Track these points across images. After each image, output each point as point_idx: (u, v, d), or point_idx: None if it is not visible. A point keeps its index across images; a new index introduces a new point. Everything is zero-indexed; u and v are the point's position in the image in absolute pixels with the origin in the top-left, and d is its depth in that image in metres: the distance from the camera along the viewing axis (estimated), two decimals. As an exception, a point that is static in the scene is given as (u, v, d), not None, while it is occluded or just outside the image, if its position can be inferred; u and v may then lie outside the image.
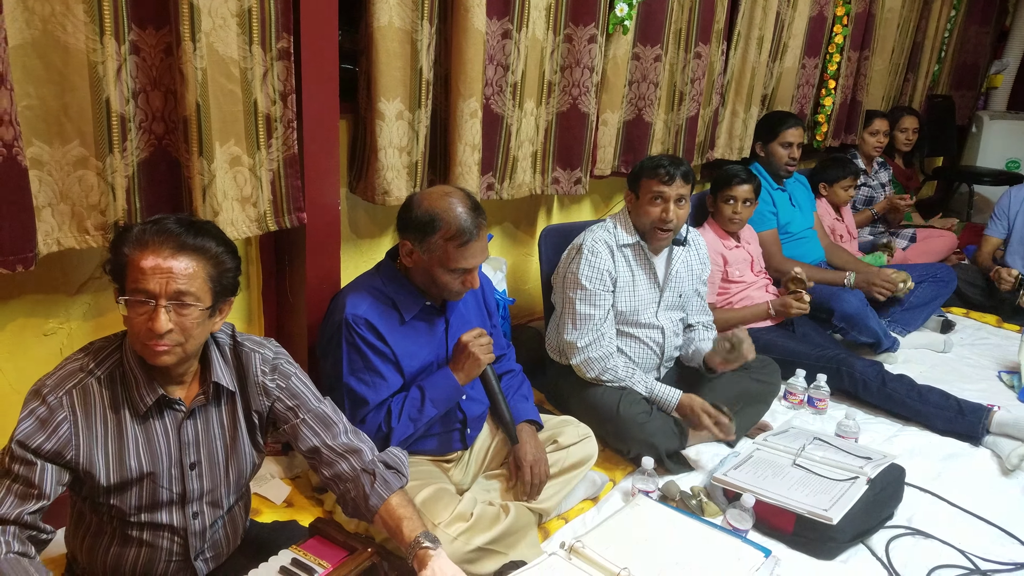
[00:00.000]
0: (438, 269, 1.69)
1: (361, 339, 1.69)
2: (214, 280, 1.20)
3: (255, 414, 1.37)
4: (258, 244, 2.09)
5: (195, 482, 1.32)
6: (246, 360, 1.35)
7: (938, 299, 3.28)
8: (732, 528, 1.84)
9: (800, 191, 3.29)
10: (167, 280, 1.15)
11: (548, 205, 3.00)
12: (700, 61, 3.06)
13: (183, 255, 1.17)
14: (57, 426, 1.17)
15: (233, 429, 1.35)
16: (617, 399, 2.14)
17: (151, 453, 1.26)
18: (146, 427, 1.26)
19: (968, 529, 1.99)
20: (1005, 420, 2.39)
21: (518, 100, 2.41)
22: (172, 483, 1.29)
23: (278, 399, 1.38)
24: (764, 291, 2.86)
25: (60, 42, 1.47)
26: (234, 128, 1.75)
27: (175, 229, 1.17)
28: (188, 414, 1.29)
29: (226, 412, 1.34)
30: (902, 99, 4.62)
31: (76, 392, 1.20)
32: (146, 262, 1.15)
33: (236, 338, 1.36)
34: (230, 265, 1.23)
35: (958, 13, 4.80)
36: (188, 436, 1.30)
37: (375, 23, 1.96)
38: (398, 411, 1.70)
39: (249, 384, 1.35)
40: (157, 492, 1.28)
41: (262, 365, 1.36)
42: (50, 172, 1.53)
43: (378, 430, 1.69)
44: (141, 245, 1.16)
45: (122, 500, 1.26)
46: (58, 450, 1.18)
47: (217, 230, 1.25)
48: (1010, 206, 3.56)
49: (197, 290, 1.18)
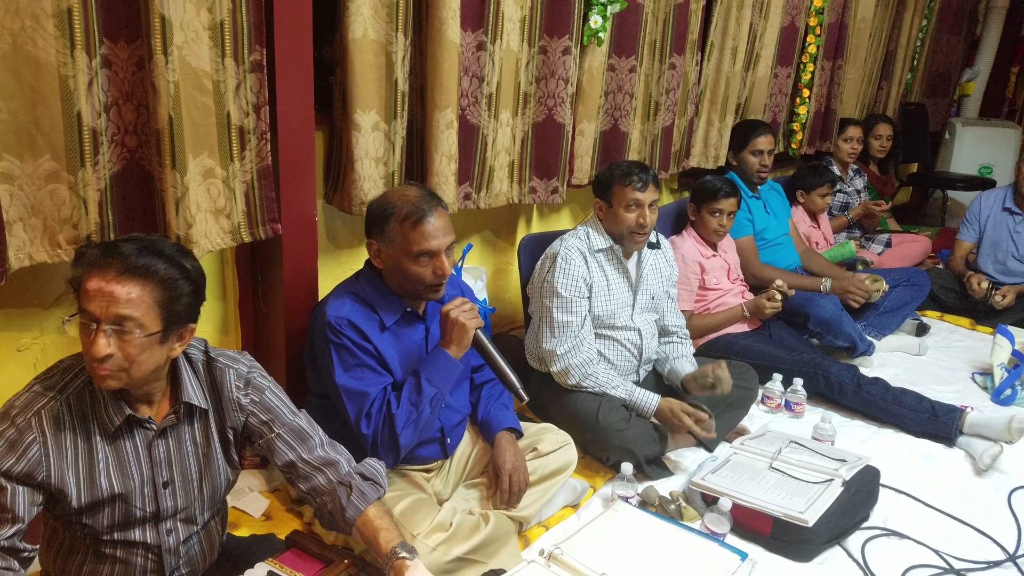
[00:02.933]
0: (403, 259, 1.68)
1: (347, 338, 1.68)
2: (163, 306, 1.16)
3: (230, 430, 1.36)
4: (234, 255, 2.09)
5: (168, 500, 1.31)
6: (220, 376, 1.34)
7: (912, 303, 3.33)
8: (710, 532, 1.85)
9: (774, 198, 3.33)
10: (108, 303, 1.12)
11: (528, 214, 3.02)
12: (675, 71, 3.11)
13: (127, 279, 1.13)
14: (27, 448, 1.16)
15: (207, 446, 1.34)
16: (596, 407, 2.15)
17: (122, 472, 1.25)
18: (116, 446, 1.25)
19: (943, 529, 2.02)
20: (978, 421, 2.42)
21: (494, 111, 2.42)
22: (145, 502, 1.28)
23: (252, 413, 1.37)
24: (740, 297, 2.89)
25: (30, 56, 1.46)
26: (207, 140, 1.75)
27: (126, 251, 1.14)
28: (159, 433, 1.28)
29: (199, 429, 1.33)
30: (876, 107, 4.69)
31: (45, 413, 1.18)
32: (91, 283, 1.13)
33: (209, 353, 1.34)
34: (185, 290, 1.19)
35: (929, 22, 4.90)
36: (160, 455, 1.29)
37: (350, 35, 1.97)
38: (395, 399, 1.68)
39: (223, 400, 1.34)
40: (130, 511, 1.27)
41: (236, 380, 1.35)
42: (21, 186, 1.53)
43: (384, 421, 1.66)
44: (91, 265, 1.14)
45: (94, 519, 1.25)
46: (28, 472, 1.16)
47: (179, 255, 1.20)
48: (981, 210, 3.63)
49: (141, 316, 1.14)
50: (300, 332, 2.02)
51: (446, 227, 1.69)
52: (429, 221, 1.66)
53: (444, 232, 1.68)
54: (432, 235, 1.66)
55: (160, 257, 1.16)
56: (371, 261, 1.80)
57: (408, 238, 1.66)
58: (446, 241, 1.69)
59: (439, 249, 1.68)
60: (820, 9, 3.77)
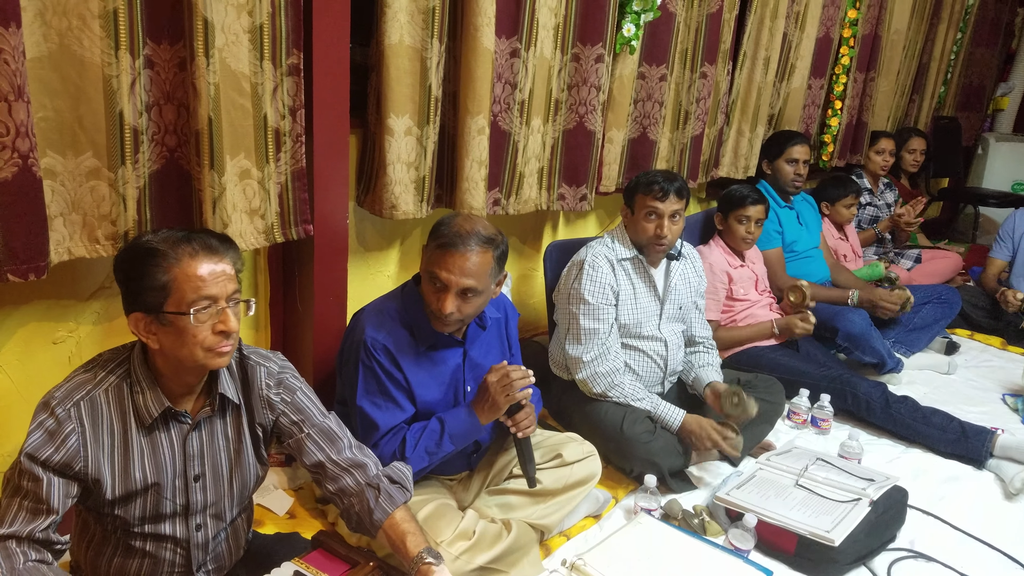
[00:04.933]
0: (424, 278, 1.67)
1: (377, 363, 1.67)
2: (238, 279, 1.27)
3: (259, 427, 1.38)
4: (266, 254, 2.11)
5: (199, 494, 1.32)
6: (251, 373, 1.35)
7: (942, 320, 3.28)
8: (734, 548, 1.83)
9: (807, 210, 3.30)
10: (225, 281, 1.20)
11: (554, 221, 3.01)
12: (706, 81, 3.09)
13: (225, 257, 1.22)
14: (66, 438, 1.18)
15: (238, 442, 1.36)
16: (621, 417, 2.14)
17: (156, 465, 1.27)
18: (151, 439, 1.26)
19: (970, 553, 1.98)
20: (1009, 443, 2.38)
21: (525, 117, 2.43)
22: (176, 495, 1.30)
23: (283, 413, 1.38)
24: (768, 309, 2.87)
25: (76, 56, 1.49)
26: (244, 142, 1.77)
27: (203, 239, 1.21)
28: (193, 426, 1.30)
29: (231, 424, 1.35)
30: (908, 120, 4.63)
31: (84, 404, 1.21)
32: (202, 269, 1.18)
33: (242, 351, 1.36)
34: None
35: (964, 35, 4.83)
36: (193, 448, 1.31)
37: (386, 41, 1.98)
38: (414, 442, 1.67)
39: (254, 397, 1.36)
40: (161, 503, 1.29)
41: (267, 379, 1.36)
42: (63, 183, 1.55)
43: (392, 456, 1.65)
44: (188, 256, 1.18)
45: (126, 511, 1.27)
46: (67, 462, 1.19)
47: None
48: (1015, 228, 3.56)
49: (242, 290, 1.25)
50: (328, 333, 2.04)
51: (472, 269, 1.59)
52: (454, 254, 1.59)
53: (463, 272, 1.59)
54: (448, 266, 1.59)
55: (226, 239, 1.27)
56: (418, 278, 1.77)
57: (431, 257, 1.64)
58: (461, 281, 1.59)
59: (449, 283, 1.59)
60: (854, 20, 3.73)
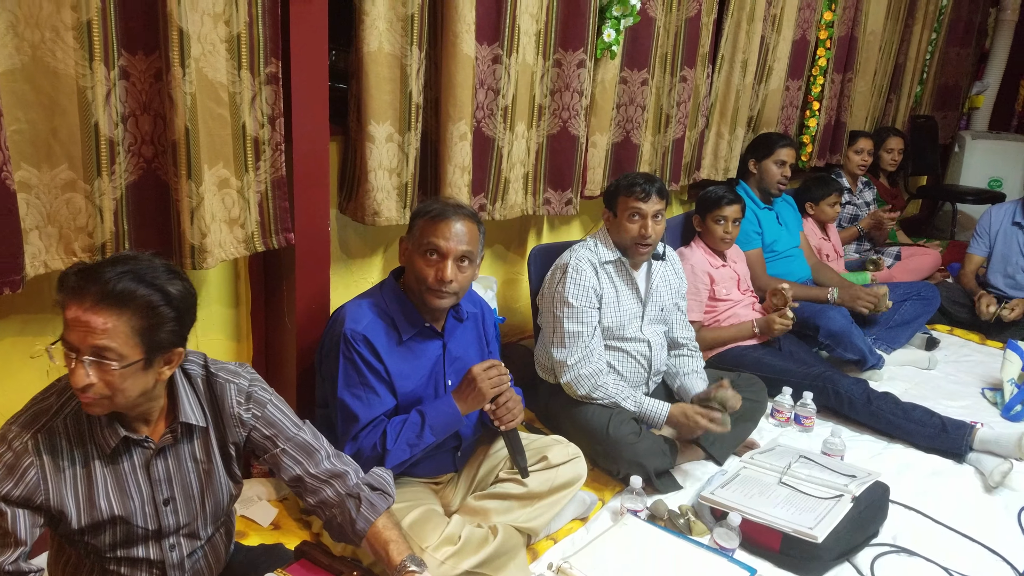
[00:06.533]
0: (415, 253, 1.71)
1: (358, 355, 1.70)
2: (144, 334, 1.11)
3: (231, 446, 1.34)
4: (248, 263, 2.10)
5: (170, 517, 1.29)
6: (220, 391, 1.31)
7: (922, 317, 3.32)
8: (719, 547, 1.85)
9: (787, 210, 3.33)
10: (85, 334, 1.08)
11: (538, 225, 3.02)
12: (686, 84, 3.11)
13: (103, 308, 1.08)
14: (24, 471, 1.14)
15: (208, 462, 1.32)
16: (607, 419, 2.15)
17: (121, 493, 1.23)
18: (115, 467, 1.23)
19: (952, 547, 2.01)
20: (988, 437, 2.41)
21: (509, 123, 2.44)
22: (147, 520, 1.27)
23: (254, 428, 1.35)
24: (751, 309, 2.89)
25: (50, 68, 1.48)
26: (222, 151, 1.76)
27: (107, 276, 1.08)
28: (157, 452, 1.26)
29: (199, 446, 1.31)
30: (885, 120, 4.69)
31: (41, 436, 1.17)
32: (69, 312, 1.08)
33: (209, 368, 1.32)
34: (168, 316, 1.13)
35: (939, 36, 4.90)
36: (159, 473, 1.27)
37: (365, 48, 1.98)
38: (395, 434, 1.69)
39: (225, 416, 1.31)
40: (131, 530, 1.26)
41: (237, 396, 1.32)
42: (38, 195, 1.54)
43: (372, 449, 1.68)
44: (68, 292, 1.09)
45: (96, 539, 1.24)
46: (27, 496, 1.15)
47: (166, 278, 1.14)
48: (991, 224, 3.61)
49: (119, 346, 1.09)
50: (312, 341, 2.03)
51: (465, 236, 1.70)
52: (448, 221, 1.68)
53: (459, 239, 1.68)
54: (444, 234, 1.67)
55: (142, 283, 1.11)
56: (398, 274, 1.83)
57: (424, 230, 1.70)
58: (458, 248, 1.68)
59: (447, 251, 1.67)
60: (830, 23, 3.78)
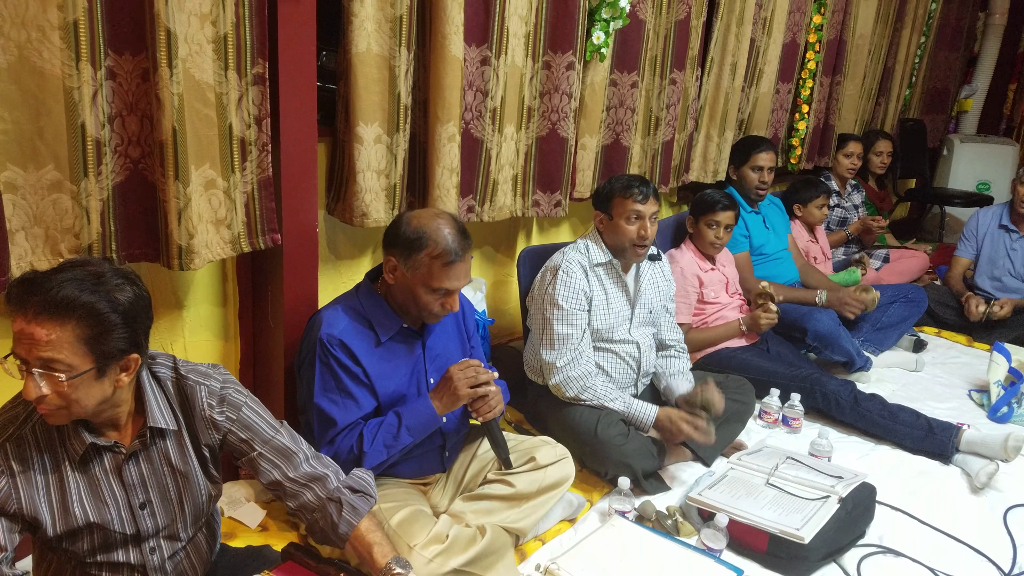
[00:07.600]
0: (420, 288, 1.70)
1: (335, 359, 1.70)
2: (92, 343, 1.08)
3: (205, 448, 1.33)
4: (235, 263, 2.09)
5: (148, 520, 1.28)
6: (191, 394, 1.29)
7: (910, 319, 3.34)
8: (706, 548, 1.85)
9: (774, 213, 3.35)
10: (30, 346, 1.06)
11: (527, 227, 3.03)
12: (675, 87, 3.13)
13: (45, 319, 1.05)
14: None
15: (184, 464, 1.31)
16: (595, 421, 2.15)
17: (96, 499, 1.22)
18: (86, 473, 1.22)
19: (938, 547, 2.02)
20: (974, 439, 2.43)
21: (498, 125, 2.44)
22: (124, 525, 1.26)
23: (229, 431, 1.33)
24: (738, 311, 2.90)
25: (36, 68, 1.47)
26: (209, 152, 1.76)
27: (48, 286, 1.05)
28: (128, 456, 1.24)
29: (173, 447, 1.30)
30: (874, 123, 4.72)
31: (10, 445, 1.16)
32: (15, 325, 1.06)
33: (179, 370, 1.30)
34: (115, 323, 1.09)
35: (927, 40, 4.93)
36: (132, 478, 1.25)
37: (353, 49, 1.98)
38: (371, 436, 1.69)
39: (196, 419, 1.30)
40: (109, 535, 1.25)
41: (208, 398, 1.30)
42: (24, 196, 1.53)
43: (349, 452, 1.69)
44: (13, 302, 1.06)
45: (75, 545, 1.23)
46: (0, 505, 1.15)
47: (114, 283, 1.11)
48: (978, 227, 3.64)
49: (66, 356, 1.07)
50: (299, 342, 2.02)
51: (468, 272, 1.75)
52: (458, 266, 1.69)
53: (466, 275, 1.74)
54: (456, 278, 1.71)
55: (84, 290, 1.07)
56: (373, 275, 1.82)
57: (433, 273, 1.68)
58: (465, 283, 1.74)
59: (456, 289, 1.73)
60: (820, 26, 3.80)
